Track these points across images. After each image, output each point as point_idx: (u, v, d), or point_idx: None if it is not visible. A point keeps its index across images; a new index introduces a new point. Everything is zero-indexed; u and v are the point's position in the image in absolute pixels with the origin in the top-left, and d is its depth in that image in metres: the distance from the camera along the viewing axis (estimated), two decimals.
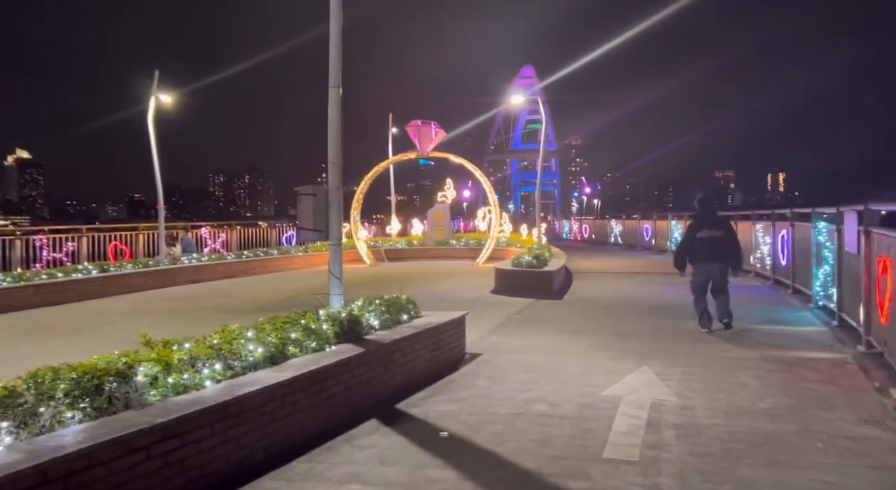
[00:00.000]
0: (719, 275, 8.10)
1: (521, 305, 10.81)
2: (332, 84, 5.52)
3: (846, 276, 7.60)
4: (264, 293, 13.57)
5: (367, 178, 20.53)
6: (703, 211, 8.64)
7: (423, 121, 19.89)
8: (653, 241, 25.35)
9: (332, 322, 5.27)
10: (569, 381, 5.75)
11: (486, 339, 7.94)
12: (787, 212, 11.56)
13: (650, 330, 8.30)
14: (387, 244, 22.86)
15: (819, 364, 6.18)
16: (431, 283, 14.97)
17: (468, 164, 20.48)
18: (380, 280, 15.93)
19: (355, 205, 20.50)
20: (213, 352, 4.25)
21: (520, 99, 20.01)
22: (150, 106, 15.69)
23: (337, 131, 5.55)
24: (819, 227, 9.17)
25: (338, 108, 5.53)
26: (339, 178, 5.65)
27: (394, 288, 14.01)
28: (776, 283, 12.58)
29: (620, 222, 31.38)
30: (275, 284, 15.28)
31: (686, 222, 21.58)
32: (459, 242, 22.95)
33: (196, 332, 5.01)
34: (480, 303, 11.36)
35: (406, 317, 6.34)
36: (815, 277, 9.46)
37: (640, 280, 14.69)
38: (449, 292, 12.92)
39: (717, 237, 8.15)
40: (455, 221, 44.83)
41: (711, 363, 6.37)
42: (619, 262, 20.25)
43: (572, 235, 39.55)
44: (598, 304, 10.96)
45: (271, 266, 18.68)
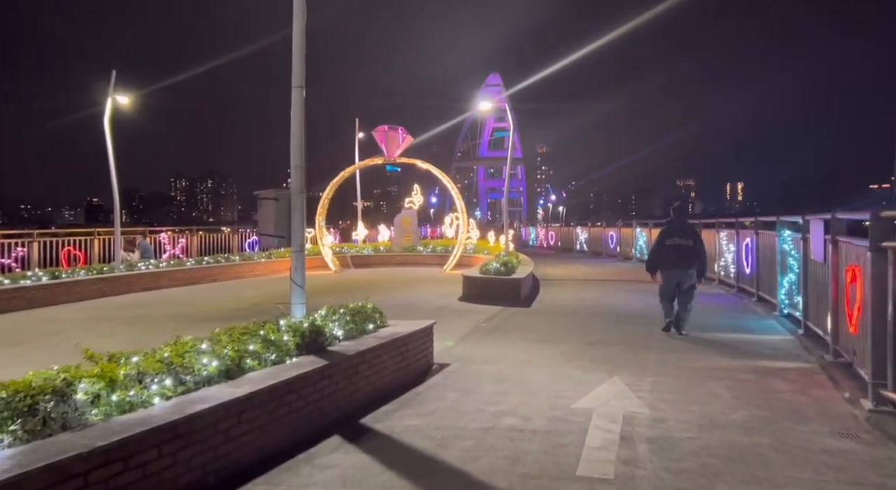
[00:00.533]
0: (686, 281, 8.43)
1: (489, 313, 10.66)
2: (294, 84, 5.29)
3: (812, 284, 7.64)
4: (225, 301, 13.15)
5: (332, 184, 20.20)
6: (675, 219, 8.96)
7: (391, 126, 19.69)
8: (618, 249, 25.54)
9: (294, 333, 5.02)
10: (539, 393, 5.59)
11: (455, 348, 7.75)
12: (752, 220, 11.65)
13: (619, 339, 8.22)
14: (353, 250, 22.53)
15: (788, 374, 6.15)
16: (398, 290, 14.73)
17: (435, 170, 20.33)
18: (345, 287, 15.63)
19: (320, 210, 20.14)
20: (164, 366, 3.97)
21: (488, 105, 19.99)
22: (106, 107, 15.16)
23: (300, 133, 5.31)
24: (784, 235, 9.24)
25: (301, 110, 5.30)
26: (303, 181, 5.41)
27: (360, 295, 13.72)
28: (740, 291, 12.69)
29: (586, 230, 31.58)
30: (236, 292, 14.85)
31: (651, 230, 21.93)
32: (427, 249, 22.75)
33: (151, 343, 4.72)
34: (449, 311, 11.17)
35: (372, 326, 6.11)
36: (779, 286, 9.53)
37: (607, 288, 14.70)
38: (416, 300, 12.71)
39: (685, 245, 8.49)
40: (422, 228, 44.62)
41: (682, 373, 6.30)
42: (586, 270, 20.30)
43: (538, 242, 39.69)
44: (566, 312, 10.87)
45: (233, 272, 18.19)
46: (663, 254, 8.59)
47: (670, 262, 8.48)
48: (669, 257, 8.51)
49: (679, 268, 8.39)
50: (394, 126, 19.68)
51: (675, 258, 8.45)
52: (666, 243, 8.59)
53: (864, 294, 5.11)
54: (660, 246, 8.71)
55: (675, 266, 8.41)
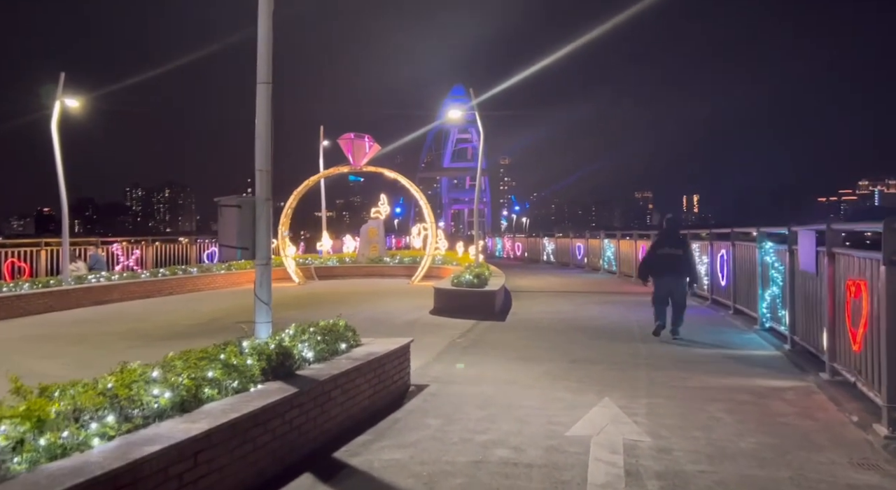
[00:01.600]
0: (678, 289, 8.98)
1: (463, 328, 10.20)
2: (260, 79, 4.78)
3: (800, 298, 7.39)
4: (181, 316, 12.39)
5: (296, 193, 19.54)
6: (667, 230, 9.60)
7: (357, 134, 19.15)
8: (585, 260, 25.40)
9: (259, 356, 4.48)
10: (529, 419, 5.14)
11: (432, 368, 7.26)
12: (707, 232, 11.49)
13: (603, 355, 7.85)
14: (317, 261, 21.84)
15: (786, 394, 5.84)
16: (366, 303, 14.17)
17: (404, 179, 19.86)
18: (310, 300, 14.99)
19: (283, 221, 19.44)
20: (106, 400, 3.39)
21: (458, 113, 19.56)
22: (54, 111, 14.29)
23: (266, 134, 4.79)
24: (766, 247, 9.04)
25: (267, 108, 4.78)
26: (269, 187, 4.88)
27: (326, 309, 13.13)
28: (715, 304, 12.51)
29: (553, 240, 31.45)
30: (194, 305, 14.07)
31: (619, 241, 21.84)
32: (394, 260, 22.21)
33: (99, 365, 4.16)
34: (421, 325, 10.68)
35: (344, 346, 5.59)
36: (760, 299, 9.31)
37: (580, 300, 14.40)
38: (386, 314, 12.17)
39: (676, 254, 9.03)
40: (387, 238, 44.13)
41: (676, 393, 5.93)
42: (555, 281, 20.04)
43: (505, 253, 39.47)
44: (543, 326, 10.48)
45: (190, 285, 17.35)
46: (655, 262, 9.09)
47: (662, 270, 8.97)
48: (661, 266, 8.98)
49: (670, 275, 8.88)
50: (360, 134, 19.16)
51: (666, 267, 8.93)
52: (658, 253, 9.10)
53: (873, 310, 4.82)
54: (652, 255, 9.23)
55: (667, 273, 8.90)
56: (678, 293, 8.95)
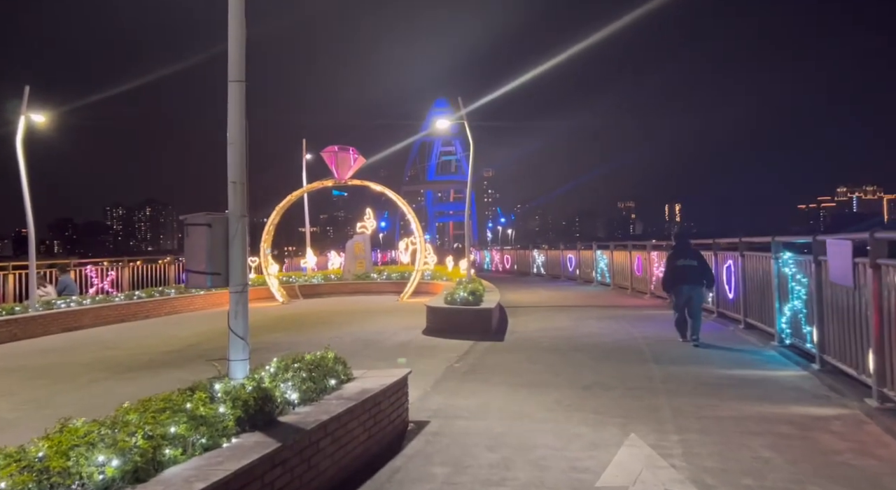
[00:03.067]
0: (696, 297, 9.59)
1: (460, 350, 9.50)
2: (232, 77, 4.10)
3: (832, 313, 6.80)
4: (157, 341, 11.56)
5: (278, 208, 18.78)
6: (679, 244, 10.22)
7: (341, 146, 18.48)
8: (577, 272, 24.82)
9: (233, 402, 3.76)
10: (549, 463, 4.45)
11: (431, 399, 6.55)
12: (736, 241, 10.92)
13: (616, 379, 7.19)
14: (301, 279, 21.03)
15: (832, 424, 5.20)
16: (353, 323, 13.42)
17: (391, 192, 19.18)
18: (294, 321, 14.21)
19: (265, 237, 18.66)
20: (31, 477, 2.66)
21: (444, 123, 18.98)
22: (19, 127, 13.48)
23: (241, 140, 4.11)
24: (784, 257, 8.46)
25: (241, 109, 4.10)
26: (244, 201, 4.18)
27: (312, 331, 12.34)
28: (721, 317, 11.94)
29: (543, 252, 30.87)
30: (171, 330, 13.24)
31: (613, 252, 21.27)
32: (381, 276, 21.47)
33: (58, 405, 3.43)
34: (414, 348, 9.96)
35: (334, 382, 4.87)
36: (778, 313, 8.72)
37: (577, 315, 13.76)
38: (375, 335, 11.44)
39: (692, 265, 9.70)
40: (372, 253, 43.31)
41: (708, 426, 5.27)
42: (549, 295, 19.41)
43: (494, 266, 38.85)
44: (545, 346, 9.81)
45: (168, 307, 16.49)
46: (676, 273, 9.72)
47: (682, 280, 9.63)
48: (680, 277, 9.66)
49: (690, 284, 9.56)
50: (344, 147, 18.49)
51: (684, 278, 9.62)
52: (677, 265, 9.75)
53: None
54: (671, 268, 9.84)
55: (687, 283, 9.57)
56: (696, 300, 9.60)
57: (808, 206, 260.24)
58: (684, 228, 44.10)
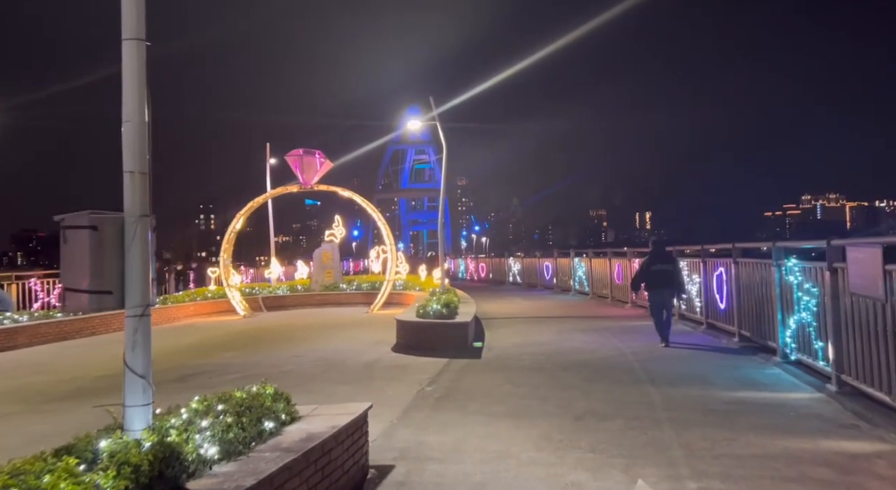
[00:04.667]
0: (669, 299, 10.30)
1: (433, 370, 8.54)
2: (127, 33, 3.12)
3: (852, 328, 6.00)
4: (94, 363, 10.37)
5: (239, 215, 17.64)
6: (655, 249, 10.58)
7: (307, 150, 17.44)
8: (554, 281, 24.05)
9: (118, 468, 2.75)
10: None
11: (396, 434, 5.57)
12: (729, 246, 10.16)
13: (611, 406, 6.29)
14: (265, 290, 19.86)
15: (877, 466, 4.36)
16: (317, 339, 12.37)
17: (359, 198, 18.17)
18: (253, 337, 13.09)
19: (225, 246, 17.51)
20: None
21: (416, 123, 18.06)
22: None
23: (140, 116, 3.11)
24: (789, 265, 7.68)
25: (140, 75, 3.11)
26: (146, 197, 3.18)
27: (269, 349, 11.24)
28: (711, 328, 11.16)
29: (519, 261, 30.09)
30: (115, 349, 11.94)
31: (591, 260, 20.51)
32: (351, 286, 20.42)
33: None
34: (382, 368, 8.97)
35: (272, 426, 3.88)
36: (781, 326, 7.94)
37: (559, 326, 12.89)
38: (339, 353, 10.41)
39: (667, 270, 10.23)
40: (344, 262, 41.98)
41: (730, 470, 4.39)
42: (527, 305, 18.55)
43: (468, 275, 37.97)
44: (527, 364, 8.89)
45: (118, 323, 15.19)
46: (650, 277, 10.26)
47: (657, 284, 10.20)
48: (655, 281, 10.20)
49: (665, 288, 10.14)
50: (310, 150, 17.45)
51: (660, 281, 10.15)
52: (651, 269, 10.23)
53: None
54: (646, 271, 10.36)
55: (662, 286, 10.14)
56: (669, 303, 10.32)
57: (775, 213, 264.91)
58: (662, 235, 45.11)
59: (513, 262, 30.35)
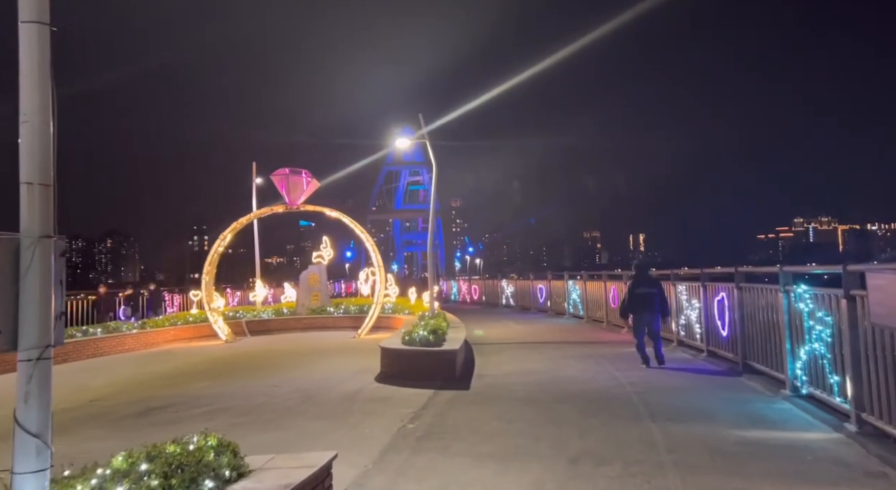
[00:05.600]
0: (654, 321, 10.40)
1: (417, 402, 7.93)
2: (25, 16, 2.59)
3: (876, 362, 5.45)
4: (56, 396, 9.59)
5: (223, 236, 17.07)
6: (639, 274, 10.96)
7: (293, 169, 16.95)
8: (548, 304, 23.46)
9: None
10: None
11: (370, 482, 4.97)
12: (731, 271, 9.64)
13: (609, 447, 5.70)
14: (249, 314, 19.20)
15: None
16: (299, 366, 11.74)
17: (347, 219, 17.64)
18: (231, 365, 12.44)
19: (208, 268, 16.90)
20: None
21: (406, 143, 17.62)
22: None
23: (43, 115, 2.58)
24: (798, 291, 7.16)
25: (44, 65, 2.58)
26: (50, 215, 2.62)
27: (245, 378, 10.59)
28: (712, 356, 10.60)
29: (512, 283, 29.51)
30: (82, 379, 11.35)
31: (585, 282, 19.98)
32: (338, 310, 19.78)
33: None
34: (362, 400, 8.35)
35: (211, 486, 3.28)
36: (790, 357, 7.39)
37: (553, 353, 12.31)
38: (320, 383, 9.79)
39: (651, 293, 10.46)
40: (335, 284, 41.21)
41: None
42: (519, 329, 17.95)
43: (461, 297, 37.33)
44: (518, 395, 8.29)
45: (92, 349, 14.55)
46: (634, 301, 10.49)
47: (640, 307, 10.45)
48: (639, 304, 10.44)
49: (648, 311, 10.38)
50: (296, 169, 16.97)
51: (643, 304, 10.41)
52: (635, 292, 10.50)
53: None
54: (631, 295, 10.59)
55: (645, 310, 10.40)
56: (654, 324, 10.40)
57: (767, 235, 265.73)
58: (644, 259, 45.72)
59: (506, 285, 29.77)
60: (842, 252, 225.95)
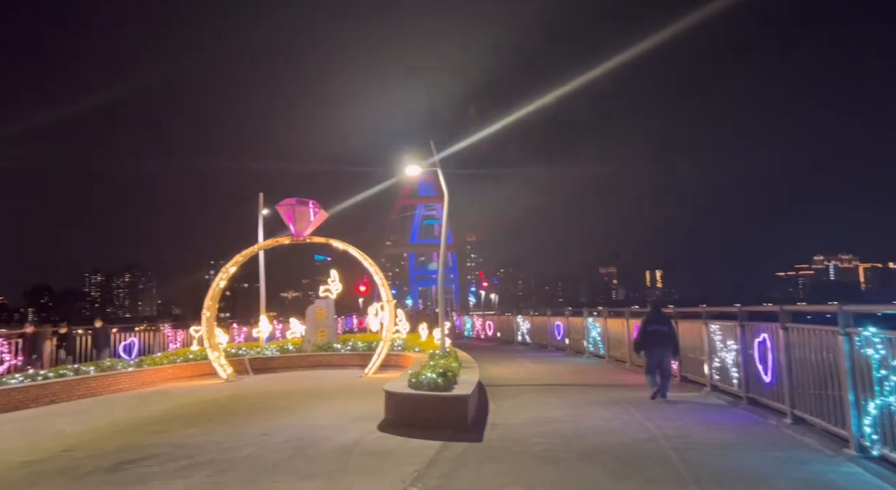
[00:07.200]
0: (665, 359, 10.79)
1: (422, 459, 6.96)
2: None
3: None
4: (23, 445, 8.76)
5: (225, 268, 16.33)
6: (653, 310, 11.36)
7: (300, 199, 16.27)
8: (566, 341, 22.34)
9: None
10: None
11: None
12: (777, 309, 8.64)
13: None
14: (252, 351, 18.32)
15: None
16: (297, 410, 10.80)
17: (354, 250, 16.84)
18: (225, 408, 11.51)
19: (209, 303, 16.11)
20: None
21: (415, 170, 16.92)
22: None
23: None
24: (866, 335, 6.18)
25: None
26: None
27: (238, 424, 9.62)
28: (753, 404, 9.53)
29: (528, 319, 28.39)
30: (61, 423, 10.45)
31: (607, 320, 18.92)
32: (345, 347, 18.85)
33: None
34: (360, 454, 7.39)
35: None
36: (854, 410, 6.38)
37: (575, 398, 11.27)
38: (315, 430, 8.84)
39: (662, 330, 10.92)
40: (347, 319, 40.19)
41: None
42: (537, 369, 16.87)
43: (475, 333, 36.21)
44: (539, 450, 7.29)
45: (83, 389, 13.70)
46: (647, 337, 10.91)
47: (653, 344, 10.82)
48: (652, 341, 10.83)
49: (660, 348, 10.75)
50: (303, 199, 16.28)
51: (656, 342, 10.80)
52: (648, 330, 10.96)
53: None
54: (643, 332, 11.05)
55: (658, 346, 10.76)
56: (666, 362, 10.82)
57: (787, 273, 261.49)
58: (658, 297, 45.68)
59: (521, 321, 28.68)
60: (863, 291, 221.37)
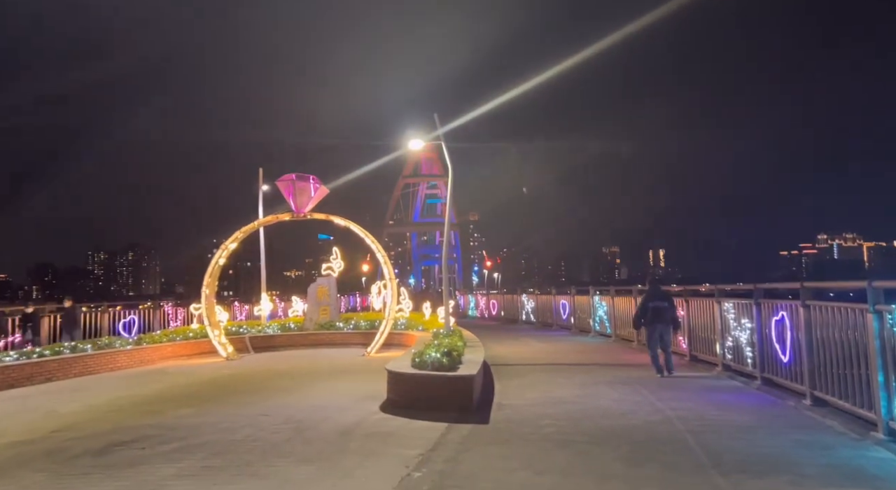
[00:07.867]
0: (666, 333, 11.11)
1: (426, 441, 6.65)
2: None
3: None
4: (13, 425, 8.50)
5: (224, 245, 15.99)
6: (652, 287, 11.60)
7: (299, 174, 15.86)
8: (572, 320, 22.01)
9: None
10: None
11: None
12: (797, 286, 8.24)
13: None
14: (254, 329, 18.05)
15: None
16: (297, 389, 10.51)
17: (356, 227, 16.47)
18: (224, 387, 11.23)
19: (208, 280, 15.80)
20: None
21: (419, 143, 16.47)
22: None
23: None
24: None
25: None
26: None
27: (235, 404, 9.31)
28: (768, 385, 9.20)
29: (532, 297, 28.06)
30: (55, 403, 10.18)
31: (613, 298, 18.59)
32: (348, 325, 18.57)
33: None
34: (361, 436, 7.08)
35: None
36: (884, 392, 6.03)
37: (582, 378, 10.95)
38: (315, 411, 8.54)
39: (663, 306, 11.15)
40: (350, 298, 39.96)
41: None
42: (542, 348, 16.56)
43: (479, 312, 35.94)
44: (548, 432, 6.97)
45: (80, 367, 13.45)
46: (648, 313, 11.14)
47: (654, 320, 11.07)
48: (653, 317, 11.08)
49: (660, 323, 11.03)
50: (303, 175, 15.87)
51: (656, 317, 11.05)
52: (649, 306, 11.17)
53: None
54: (644, 308, 11.28)
55: (659, 322, 11.04)
56: (666, 337, 11.13)
57: (791, 252, 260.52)
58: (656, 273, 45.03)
59: (526, 300, 28.36)
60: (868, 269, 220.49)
